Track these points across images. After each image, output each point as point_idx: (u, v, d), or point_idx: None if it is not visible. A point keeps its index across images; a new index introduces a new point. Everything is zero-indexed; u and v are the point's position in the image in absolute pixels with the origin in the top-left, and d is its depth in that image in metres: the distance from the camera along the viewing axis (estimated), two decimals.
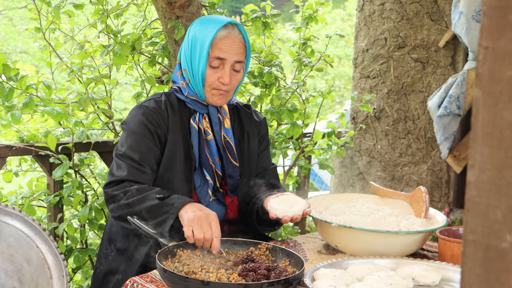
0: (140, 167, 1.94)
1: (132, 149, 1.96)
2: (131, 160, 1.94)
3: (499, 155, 0.64)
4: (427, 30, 3.68)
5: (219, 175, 2.07)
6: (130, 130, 2.00)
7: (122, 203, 1.86)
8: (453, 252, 1.79)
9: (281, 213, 1.81)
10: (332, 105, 12.35)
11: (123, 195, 1.87)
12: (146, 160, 1.95)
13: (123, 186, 1.90)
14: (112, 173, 1.96)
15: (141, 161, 1.94)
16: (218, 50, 1.98)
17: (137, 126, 1.99)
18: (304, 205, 1.83)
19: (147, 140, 1.97)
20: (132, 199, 1.85)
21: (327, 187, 7.52)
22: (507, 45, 0.64)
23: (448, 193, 3.72)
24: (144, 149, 1.96)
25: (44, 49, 2.93)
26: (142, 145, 1.96)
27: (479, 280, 0.67)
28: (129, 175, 1.92)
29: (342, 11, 14.80)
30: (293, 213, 1.80)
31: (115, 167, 1.97)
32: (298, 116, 3.12)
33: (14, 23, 12.84)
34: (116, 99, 6.25)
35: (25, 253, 1.78)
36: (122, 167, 1.94)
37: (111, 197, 1.91)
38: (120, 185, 1.91)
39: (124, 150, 1.96)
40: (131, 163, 1.94)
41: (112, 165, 1.99)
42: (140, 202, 1.84)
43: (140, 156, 1.95)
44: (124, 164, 1.94)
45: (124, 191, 1.88)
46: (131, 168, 1.93)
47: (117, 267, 2.01)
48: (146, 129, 1.98)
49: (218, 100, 2.04)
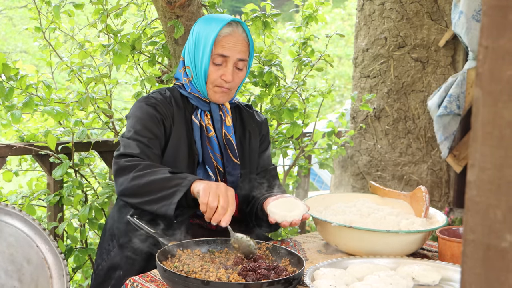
0: (150, 149, 1.93)
1: (139, 133, 1.94)
2: (140, 142, 1.92)
3: (499, 154, 0.64)
4: (427, 30, 3.68)
5: (221, 172, 2.07)
6: (137, 117, 1.98)
7: (131, 175, 1.81)
8: (453, 251, 1.79)
9: (280, 218, 1.81)
10: (332, 104, 12.35)
11: (134, 167, 1.83)
12: (154, 145, 1.95)
13: (134, 160, 1.86)
14: (122, 152, 1.92)
15: (149, 144, 1.93)
16: (222, 47, 1.99)
17: (144, 113, 1.98)
18: (303, 209, 1.83)
19: (154, 127, 1.97)
20: (144, 171, 1.80)
21: (327, 187, 7.52)
22: (507, 45, 0.64)
23: (448, 192, 3.72)
24: (151, 135, 1.95)
25: (44, 48, 2.93)
26: (149, 131, 1.95)
27: (479, 280, 0.67)
28: (141, 154, 1.89)
29: (342, 10, 14.80)
30: (292, 218, 1.80)
31: (124, 147, 1.93)
32: (298, 116, 3.12)
33: (14, 22, 12.85)
34: (116, 98, 6.24)
35: (25, 252, 1.78)
36: (132, 146, 1.91)
37: (122, 169, 1.85)
38: (132, 158, 1.87)
39: (132, 133, 1.95)
40: (140, 144, 1.92)
41: (119, 147, 1.96)
42: (151, 174, 1.79)
43: (148, 139, 1.94)
44: (134, 144, 1.92)
45: (136, 163, 1.83)
46: (142, 147, 1.91)
47: (119, 263, 2.01)
48: (154, 116, 1.98)
49: (220, 97, 2.05)
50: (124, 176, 1.84)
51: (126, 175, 1.83)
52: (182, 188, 1.71)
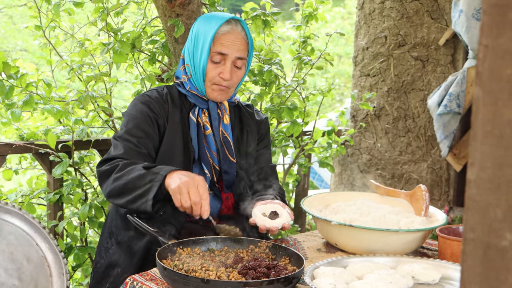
0: (137, 148, 1.94)
1: (130, 132, 1.96)
2: (128, 142, 1.94)
3: (499, 153, 0.64)
4: (427, 28, 3.68)
5: (216, 170, 2.07)
6: (131, 115, 2.01)
7: (112, 177, 1.85)
8: (453, 250, 1.79)
9: (260, 221, 1.84)
10: (332, 103, 12.34)
11: (113, 170, 1.86)
12: (144, 144, 1.96)
13: (113, 162, 1.89)
14: (103, 158, 1.96)
15: (139, 144, 1.95)
16: (220, 45, 1.99)
17: (138, 112, 2.00)
18: (286, 219, 1.85)
19: (147, 126, 1.98)
20: (122, 171, 1.83)
21: (327, 185, 7.52)
22: (507, 44, 0.64)
23: (448, 191, 3.72)
24: (143, 134, 1.97)
25: (44, 47, 2.93)
26: (141, 130, 1.97)
27: (479, 278, 0.67)
28: (125, 154, 1.92)
29: (342, 9, 14.78)
30: (271, 225, 1.83)
31: (112, 149, 1.97)
32: (298, 114, 3.12)
33: (14, 21, 12.83)
34: (116, 97, 6.25)
35: (25, 251, 1.78)
36: (119, 147, 1.94)
37: (103, 174, 1.89)
38: (111, 162, 1.90)
39: (123, 133, 1.97)
40: (128, 144, 1.94)
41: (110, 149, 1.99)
42: (128, 173, 1.82)
43: (138, 139, 1.95)
44: (120, 145, 1.95)
45: (114, 165, 1.87)
46: (128, 148, 1.93)
47: (117, 260, 2.01)
48: (147, 115, 1.99)
49: (218, 95, 2.04)
50: (106, 180, 1.88)
51: (107, 179, 1.87)
52: (156, 184, 1.75)
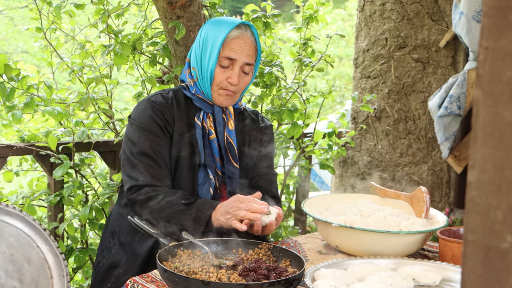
0: (157, 165, 1.94)
1: (146, 147, 1.95)
2: (147, 158, 1.94)
3: (500, 155, 0.64)
4: (427, 30, 3.68)
5: (219, 175, 2.07)
6: (141, 127, 1.98)
7: (148, 209, 1.89)
8: (453, 252, 1.79)
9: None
10: (332, 105, 12.34)
11: (148, 201, 1.90)
12: (161, 158, 1.96)
13: (145, 192, 1.91)
14: (129, 175, 1.95)
15: (157, 159, 1.94)
16: (229, 50, 1.98)
17: (147, 121, 1.98)
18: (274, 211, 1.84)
19: (159, 138, 1.97)
20: (158, 210, 1.88)
21: (327, 187, 7.52)
22: (508, 46, 0.64)
23: (448, 193, 3.72)
24: (158, 146, 1.96)
25: (45, 49, 2.94)
26: (156, 143, 1.96)
27: (479, 280, 0.67)
28: (150, 178, 1.92)
29: (342, 11, 14.79)
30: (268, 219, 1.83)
31: (130, 167, 1.95)
32: (299, 116, 3.12)
33: (15, 22, 12.85)
34: (117, 99, 6.24)
35: (25, 253, 1.78)
36: (139, 168, 1.93)
37: (135, 203, 1.92)
38: (142, 190, 1.92)
39: (138, 149, 1.95)
40: (148, 162, 1.93)
41: (124, 163, 1.97)
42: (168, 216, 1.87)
43: (155, 155, 1.95)
44: (140, 165, 1.93)
45: (149, 196, 1.90)
46: (149, 168, 1.93)
47: (120, 261, 2.01)
48: (157, 125, 1.98)
49: (224, 100, 2.04)
50: (141, 208, 1.92)
51: (144, 208, 1.91)
52: (200, 228, 1.84)
